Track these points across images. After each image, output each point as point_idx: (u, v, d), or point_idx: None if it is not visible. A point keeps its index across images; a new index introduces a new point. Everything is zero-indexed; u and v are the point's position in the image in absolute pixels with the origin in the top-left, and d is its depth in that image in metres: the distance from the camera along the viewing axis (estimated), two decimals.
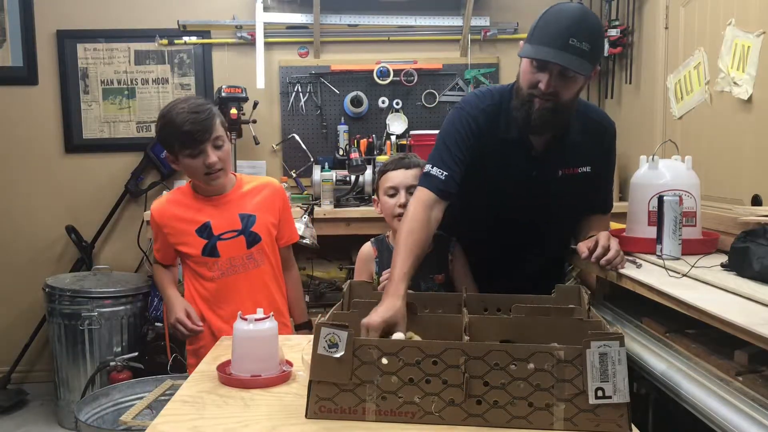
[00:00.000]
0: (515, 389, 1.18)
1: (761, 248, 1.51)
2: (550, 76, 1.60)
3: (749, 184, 2.14)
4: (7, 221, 3.66)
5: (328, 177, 3.23)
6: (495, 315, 1.53)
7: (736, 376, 1.27)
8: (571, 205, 1.86)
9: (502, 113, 1.76)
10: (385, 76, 3.56)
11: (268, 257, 1.99)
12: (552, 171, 1.80)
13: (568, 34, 1.55)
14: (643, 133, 3.10)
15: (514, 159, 1.78)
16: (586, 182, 1.84)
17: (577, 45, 1.54)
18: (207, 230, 1.92)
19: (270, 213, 2.00)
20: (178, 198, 2.00)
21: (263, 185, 2.04)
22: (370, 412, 1.21)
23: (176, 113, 1.83)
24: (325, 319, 1.28)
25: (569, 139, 1.78)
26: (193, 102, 1.87)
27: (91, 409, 2.23)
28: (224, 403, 1.33)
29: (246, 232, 1.94)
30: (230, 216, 1.95)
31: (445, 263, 1.92)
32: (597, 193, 1.93)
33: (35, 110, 3.63)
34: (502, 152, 1.77)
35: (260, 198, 2.00)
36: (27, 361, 3.63)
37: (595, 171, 1.84)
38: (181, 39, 3.62)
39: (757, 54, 2.08)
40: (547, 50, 1.57)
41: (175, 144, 1.86)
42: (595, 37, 1.60)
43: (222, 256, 1.92)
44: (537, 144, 1.78)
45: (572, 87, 1.64)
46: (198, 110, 1.84)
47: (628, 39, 3.31)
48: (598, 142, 1.84)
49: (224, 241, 1.93)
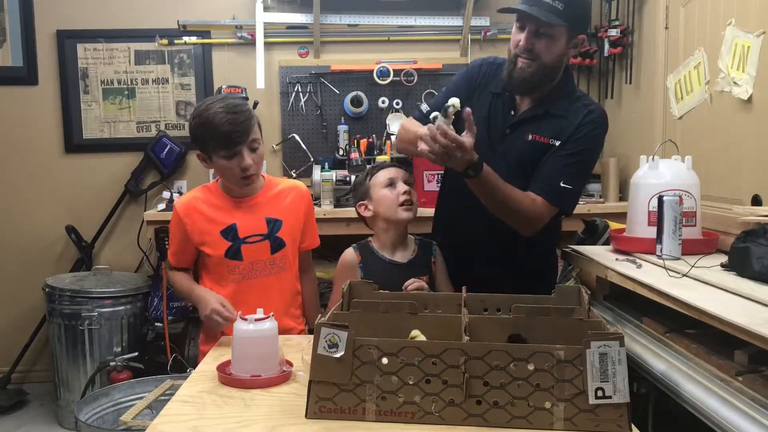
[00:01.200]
0: (515, 389, 1.18)
1: (761, 248, 1.51)
2: (528, 33, 1.73)
3: (749, 184, 2.14)
4: (7, 221, 3.66)
5: (328, 177, 3.23)
6: (495, 315, 1.53)
7: (736, 376, 1.27)
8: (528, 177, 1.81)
9: (503, 70, 1.86)
10: (385, 76, 3.56)
11: (290, 262, 1.95)
12: (523, 133, 1.84)
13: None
14: (643, 133, 3.10)
15: (495, 111, 1.88)
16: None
17: (549, 2, 1.68)
18: (232, 232, 1.88)
19: (295, 218, 1.96)
20: (206, 196, 1.93)
21: (290, 188, 2.00)
22: (370, 412, 1.21)
23: (214, 113, 1.78)
24: (325, 319, 1.28)
25: (551, 109, 1.83)
26: (230, 102, 1.83)
27: (91, 409, 2.23)
28: (224, 403, 1.33)
29: (271, 237, 1.90)
30: (257, 220, 1.90)
31: (428, 265, 1.93)
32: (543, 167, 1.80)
33: (35, 110, 3.63)
34: (488, 104, 1.89)
35: (287, 202, 1.96)
36: (27, 361, 3.63)
37: (561, 145, 1.81)
38: (181, 39, 3.62)
39: (757, 54, 2.08)
40: (520, 4, 1.72)
41: (210, 144, 1.81)
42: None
43: (245, 260, 1.88)
44: (521, 105, 1.87)
45: (551, 46, 1.73)
46: (237, 111, 1.80)
47: (628, 39, 3.31)
48: (573, 121, 1.81)
49: (249, 245, 1.88)
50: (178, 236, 1.92)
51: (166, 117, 3.68)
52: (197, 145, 1.87)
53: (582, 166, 1.83)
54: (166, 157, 3.55)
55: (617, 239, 2.01)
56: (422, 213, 2.03)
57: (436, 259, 1.95)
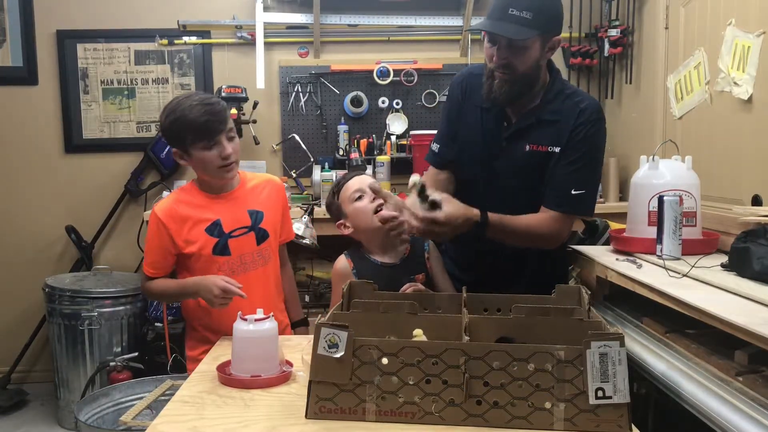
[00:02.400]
0: (515, 389, 1.18)
1: (761, 248, 1.51)
2: (499, 48, 1.70)
3: (749, 184, 2.14)
4: (8, 221, 3.66)
5: (328, 177, 3.23)
6: (495, 315, 1.53)
7: (736, 376, 1.27)
8: (535, 187, 1.80)
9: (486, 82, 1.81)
10: (385, 76, 3.56)
11: (274, 254, 1.98)
12: (521, 145, 1.80)
13: (507, 4, 1.65)
14: (643, 133, 3.10)
15: (488, 126, 1.85)
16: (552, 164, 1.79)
17: (516, 14, 1.63)
18: (217, 228, 1.88)
19: (274, 210, 1.99)
20: (184, 197, 1.93)
21: (265, 182, 2.02)
22: (370, 413, 1.21)
23: (189, 106, 1.79)
24: (325, 319, 1.28)
25: (544, 115, 1.79)
26: (202, 95, 1.85)
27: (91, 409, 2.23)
28: (224, 404, 1.33)
29: (255, 228, 1.92)
30: (239, 212, 1.92)
31: (422, 262, 1.92)
32: (551, 179, 1.78)
33: (35, 110, 3.63)
34: (480, 119, 1.85)
35: (265, 195, 1.99)
36: (27, 361, 3.63)
37: (562, 153, 1.77)
38: (181, 39, 3.62)
39: (757, 54, 2.08)
40: (487, 22, 1.69)
41: (188, 137, 1.81)
42: (537, 5, 1.65)
43: (233, 253, 1.89)
44: (512, 115, 1.82)
45: (525, 57, 1.69)
46: (211, 102, 1.82)
47: (628, 39, 3.31)
48: (570, 124, 1.77)
49: (235, 238, 1.89)
50: (158, 243, 1.89)
51: None
52: (172, 142, 1.87)
53: (589, 167, 1.79)
54: (166, 157, 3.55)
55: (617, 239, 2.01)
56: None
57: (430, 254, 1.94)
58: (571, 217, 1.79)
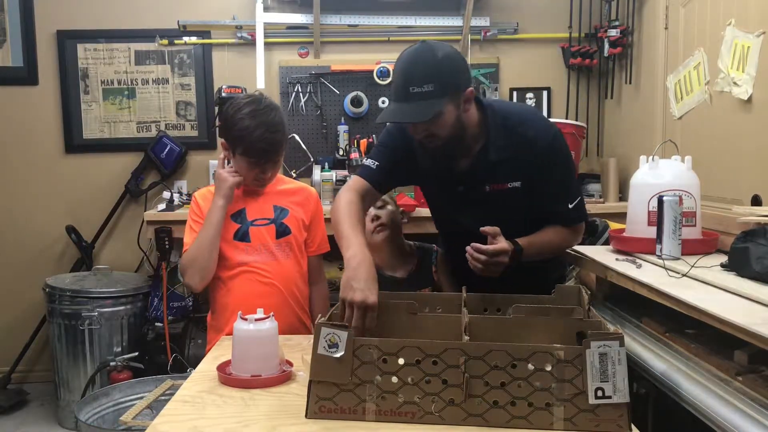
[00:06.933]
0: (515, 389, 1.18)
1: (761, 248, 1.51)
2: (414, 126, 1.63)
3: (749, 184, 2.14)
4: (8, 221, 3.66)
5: (328, 177, 3.24)
6: (495, 315, 1.53)
7: (736, 376, 1.27)
8: (510, 218, 1.74)
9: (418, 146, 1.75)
10: (385, 76, 3.56)
11: (295, 255, 1.99)
12: (479, 187, 1.76)
13: (406, 83, 1.56)
14: (643, 133, 3.10)
15: (441, 176, 1.80)
16: (519, 197, 1.76)
17: (418, 90, 1.55)
18: (241, 215, 1.95)
19: (302, 212, 2.02)
20: None
21: (300, 188, 2.07)
22: (370, 412, 1.21)
23: (255, 126, 1.83)
24: (325, 319, 1.29)
25: (493, 155, 1.72)
26: (270, 118, 1.87)
27: (91, 409, 2.24)
28: (224, 403, 1.33)
29: (277, 222, 1.97)
30: (266, 206, 1.98)
31: (430, 275, 1.92)
32: (545, 206, 1.78)
33: (35, 110, 3.63)
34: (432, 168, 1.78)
35: (295, 198, 2.03)
36: (27, 361, 3.63)
37: (528, 185, 1.74)
38: (181, 39, 3.63)
39: (757, 54, 2.09)
40: (392, 107, 1.61)
41: (239, 148, 1.88)
42: (435, 73, 1.56)
43: (253, 241, 1.94)
44: (461, 162, 1.76)
45: (442, 123, 1.60)
46: (274, 130, 1.87)
47: (628, 39, 3.31)
48: (526, 158, 1.72)
49: (256, 227, 1.95)
50: (197, 221, 1.95)
51: (167, 117, 3.69)
52: (224, 138, 1.93)
53: (569, 178, 1.82)
54: (166, 157, 3.55)
55: (617, 239, 2.01)
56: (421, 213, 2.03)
57: (438, 265, 1.94)
58: (578, 228, 1.85)
